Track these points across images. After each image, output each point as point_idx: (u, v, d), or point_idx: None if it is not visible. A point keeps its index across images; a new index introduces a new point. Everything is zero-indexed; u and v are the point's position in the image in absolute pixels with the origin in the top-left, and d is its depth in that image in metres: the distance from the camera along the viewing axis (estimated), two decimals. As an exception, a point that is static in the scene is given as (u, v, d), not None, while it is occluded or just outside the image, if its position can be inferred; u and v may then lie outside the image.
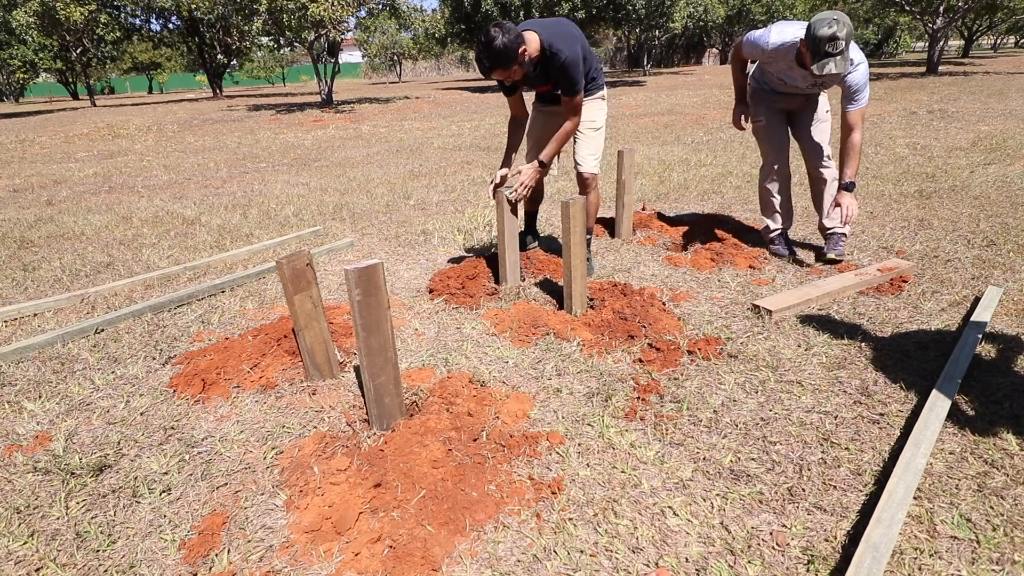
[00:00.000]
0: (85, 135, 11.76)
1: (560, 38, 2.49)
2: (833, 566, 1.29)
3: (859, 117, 2.69)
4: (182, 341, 2.49)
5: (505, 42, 2.29)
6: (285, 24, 15.14)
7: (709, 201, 4.43)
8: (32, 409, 2.03)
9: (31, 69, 29.91)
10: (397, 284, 3.07)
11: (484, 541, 1.40)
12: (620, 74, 30.35)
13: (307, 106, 16.98)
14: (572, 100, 2.58)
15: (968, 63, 22.32)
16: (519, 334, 2.37)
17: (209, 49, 25.52)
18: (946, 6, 17.53)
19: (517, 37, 2.33)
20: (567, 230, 2.37)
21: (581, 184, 2.93)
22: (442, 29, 22.69)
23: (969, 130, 6.86)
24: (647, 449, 1.69)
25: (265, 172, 6.72)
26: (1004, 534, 1.35)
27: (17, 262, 3.66)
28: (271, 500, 1.54)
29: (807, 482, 1.54)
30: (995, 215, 3.66)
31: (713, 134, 7.79)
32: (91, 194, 5.81)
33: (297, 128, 11.43)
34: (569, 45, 2.48)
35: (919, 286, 2.70)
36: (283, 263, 1.84)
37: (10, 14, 19.52)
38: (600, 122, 2.87)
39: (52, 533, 1.48)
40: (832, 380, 2.00)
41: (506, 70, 2.39)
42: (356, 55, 49.17)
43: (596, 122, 2.86)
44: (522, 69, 2.44)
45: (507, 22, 2.41)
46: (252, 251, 3.65)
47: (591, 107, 2.84)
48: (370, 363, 1.65)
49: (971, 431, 1.70)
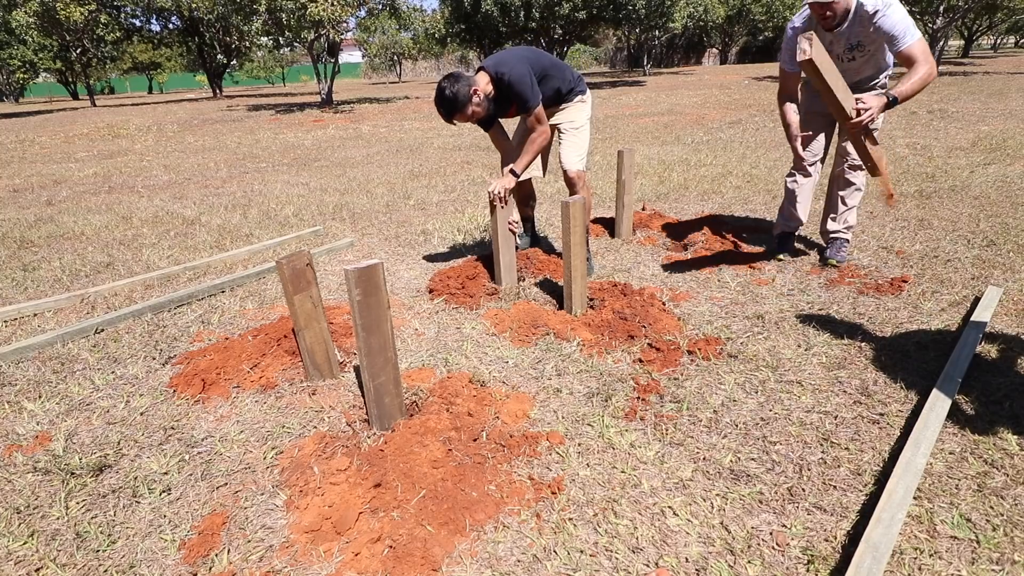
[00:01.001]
0: (85, 135, 11.76)
1: (504, 62, 2.63)
2: (833, 566, 1.29)
3: (918, 50, 2.39)
4: (182, 341, 2.49)
5: (455, 90, 2.50)
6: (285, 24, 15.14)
7: (709, 201, 4.43)
8: (32, 409, 2.03)
9: (31, 69, 29.89)
10: (397, 284, 3.07)
11: (484, 541, 1.40)
12: (620, 74, 30.34)
13: (307, 106, 16.98)
14: (530, 115, 2.69)
15: (968, 63, 22.31)
16: (519, 334, 2.37)
17: (209, 49, 25.52)
18: (946, 6, 17.53)
19: (466, 81, 2.54)
20: (567, 230, 2.37)
21: (569, 183, 2.99)
22: (442, 29, 22.67)
23: (969, 130, 6.86)
24: (647, 449, 1.69)
25: (265, 172, 6.72)
26: (1004, 534, 1.35)
27: (17, 262, 3.66)
28: (271, 500, 1.54)
29: (807, 482, 1.54)
30: (995, 215, 3.66)
31: (713, 134, 7.79)
32: (91, 194, 5.81)
33: (297, 128, 11.43)
34: (512, 65, 2.61)
35: (919, 286, 2.70)
36: (283, 263, 1.84)
37: (10, 14, 19.51)
38: (580, 121, 2.94)
39: (52, 533, 1.48)
40: (832, 380, 2.00)
41: (464, 113, 2.58)
42: (356, 55, 49.16)
43: (576, 122, 2.94)
44: (482, 108, 2.61)
45: (459, 71, 2.63)
46: (252, 251, 3.65)
47: (571, 110, 2.94)
48: (370, 363, 1.65)
49: (971, 431, 1.70)
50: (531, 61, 2.70)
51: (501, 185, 2.67)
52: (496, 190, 2.65)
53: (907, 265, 2.96)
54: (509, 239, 2.74)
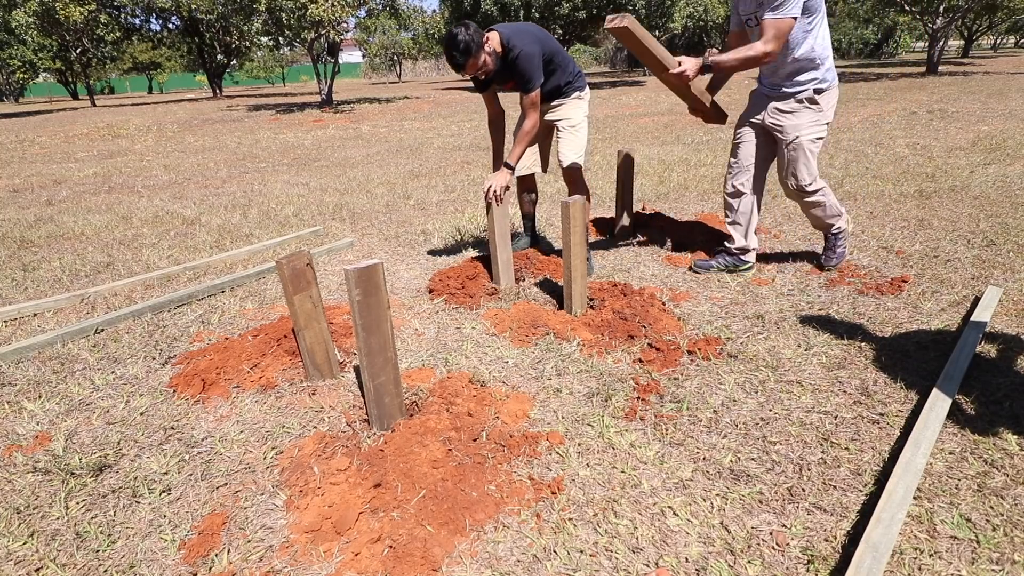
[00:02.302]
0: (85, 135, 11.76)
1: (518, 35, 2.62)
2: (833, 566, 1.29)
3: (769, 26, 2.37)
4: (182, 341, 2.49)
5: (469, 35, 2.49)
6: (285, 24, 15.14)
7: (709, 201, 4.43)
8: (32, 409, 2.03)
9: (31, 69, 29.90)
10: (397, 284, 3.07)
11: (484, 541, 1.40)
12: (620, 74, 30.33)
13: (307, 106, 16.98)
14: (528, 96, 2.67)
15: (968, 63, 22.32)
16: (519, 334, 2.37)
17: (209, 49, 25.51)
18: (946, 6, 17.53)
19: (477, 31, 2.52)
20: (567, 230, 2.37)
21: (568, 180, 3.00)
22: (442, 29, 22.70)
23: (969, 130, 6.86)
24: (647, 449, 1.69)
25: (265, 172, 6.72)
26: (1004, 534, 1.35)
27: (17, 262, 3.66)
28: (271, 500, 1.54)
29: (807, 482, 1.54)
30: (995, 215, 3.66)
31: (713, 134, 7.79)
32: (91, 194, 5.81)
33: (297, 128, 11.43)
34: (525, 42, 2.60)
35: (919, 286, 2.70)
36: (283, 263, 1.84)
37: (10, 14, 19.51)
38: (576, 119, 2.93)
39: (52, 533, 1.48)
40: (832, 380, 2.00)
41: (476, 61, 2.54)
42: (356, 55, 49.19)
43: (572, 119, 2.93)
44: (491, 61, 2.59)
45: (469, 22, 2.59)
46: (252, 251, 3.65)
47: (568, 107, 2.93)
48: (370, 363, 1.65)
49: (971, 431, 1.70)
50: (542, 43, 2.67)
51: (497, 182, 2.66)
52: (494, 188, 2.64)
53: (907, 265, 2.96)
54: (506, 238, 2.74)
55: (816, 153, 2.69)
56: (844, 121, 8.24)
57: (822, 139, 2.68)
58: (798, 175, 2.70)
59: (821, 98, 2.58)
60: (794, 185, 2.73)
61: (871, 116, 8.59)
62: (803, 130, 2.62)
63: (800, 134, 2.62)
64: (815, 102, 2.59)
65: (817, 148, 2.67)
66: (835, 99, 2.64)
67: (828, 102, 2.61)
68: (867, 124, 7.85)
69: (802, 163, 2.67)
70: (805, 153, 2.65)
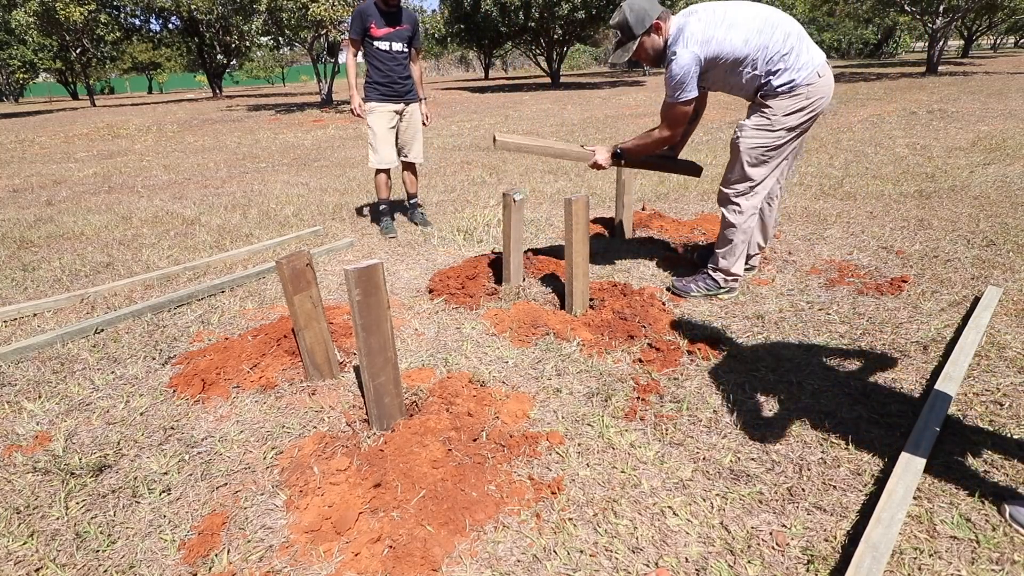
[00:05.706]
0: (85, 135, 11.75)
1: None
2: (833, 566, 1.29)
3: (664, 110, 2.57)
4: (182, 341, 2.49)
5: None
6: (285, 24, 15.14)
7: (709, 201, 4.43)
8: (32, 409, 2.03)
9: (31, 69, 29.91)
10: (397, 284, 3.07)
11: (484, 541, 1.40)
12: (620, 74, 30.34)
13: (307, 106, 16.97)
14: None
15: (968, 63, 22.32)
16: (519, 334, 2.37)
17: (209, 49, 25.48)
18: (946, 6, 17.53)
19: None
20: (569, 228, 2.37)
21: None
22: (442, 29, 22.67)
23: (969, 130, 6.86)
24: (647, 449, 1.69)
25: (265, 172, 6.72)
26: (1004, 534, 1.35)
27: (17, 262, 3.66)
28: (271, 500, 1.54)
29: (807, 482, 1.54)
30: (995, 215, 3.66)
31: (713, 134, 7.79)
32: (91, 194, 5.81)
33: (297, 128, 11.43)
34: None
35: (919, 286, 2.70)
36: (283, 263, 1.84)
37: (10, 14, 19.50)
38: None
39: (52, 533, 1.48)
40: (832, 380, 2.00)
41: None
42: (356, 55, 49.04)
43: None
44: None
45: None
46: (252, 251, 3.65)
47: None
48: (370, 363, 1.65)
49: (971, 431, 1.70)
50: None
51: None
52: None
53: (907, 265, 2.96)
54: (519, 240, 2.74)
55: (753, 166, 2.46)
56: (844, 121, 8.24)
57: (765, 155, 2.43)
58: (727, 174, 2.56)
59: (773, 101, 2.35)
60: (721, 184, 2.60)
61: (871, 116, 8.59)
62: (745, 131, 2.43)
63: (741, 134, 2.44)
64: (766, 105, 2.37)
65: (754, 159, 2.44)
66: (800, 105, 2.33)
67: (782, 107, 2.34)
68: (867, 124, 7.85)
69: (735, 164, 2.50)
70: (739, 156, 2.46)
